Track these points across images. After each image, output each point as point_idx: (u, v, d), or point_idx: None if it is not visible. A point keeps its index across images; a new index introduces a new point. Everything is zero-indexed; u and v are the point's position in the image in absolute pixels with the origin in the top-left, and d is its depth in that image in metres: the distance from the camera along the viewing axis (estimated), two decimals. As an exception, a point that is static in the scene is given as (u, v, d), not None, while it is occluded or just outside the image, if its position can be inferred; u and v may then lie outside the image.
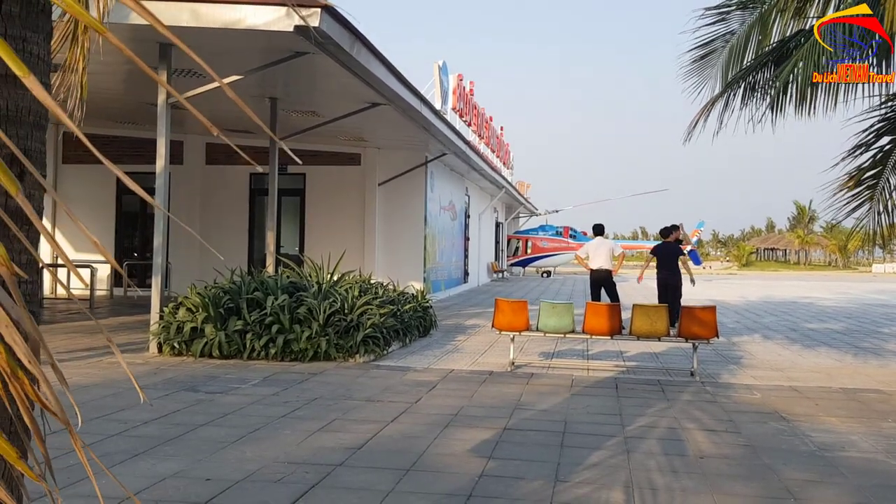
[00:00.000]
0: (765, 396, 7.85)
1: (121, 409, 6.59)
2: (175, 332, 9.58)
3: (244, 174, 19.43)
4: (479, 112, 28.10)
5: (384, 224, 19.19)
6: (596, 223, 14.59)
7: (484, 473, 4.90)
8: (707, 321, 8.97)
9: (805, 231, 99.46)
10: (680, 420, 6.65)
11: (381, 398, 7.31)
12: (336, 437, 5.76)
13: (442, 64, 22.80)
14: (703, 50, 10.23)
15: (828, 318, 17.80)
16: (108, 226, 19.89)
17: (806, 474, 5.07)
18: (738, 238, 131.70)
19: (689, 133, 9.97)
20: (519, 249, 42.92)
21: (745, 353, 11.29)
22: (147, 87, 12.37)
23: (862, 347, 12.27)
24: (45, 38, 2.25)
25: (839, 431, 6.34)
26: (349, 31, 9.25)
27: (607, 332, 9.18)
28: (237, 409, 6.70)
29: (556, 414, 6.79)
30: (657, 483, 4.79)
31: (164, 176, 9.85)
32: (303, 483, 4.62)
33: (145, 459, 5.08)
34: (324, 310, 9.70)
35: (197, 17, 8.67)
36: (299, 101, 13.83)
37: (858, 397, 7.94)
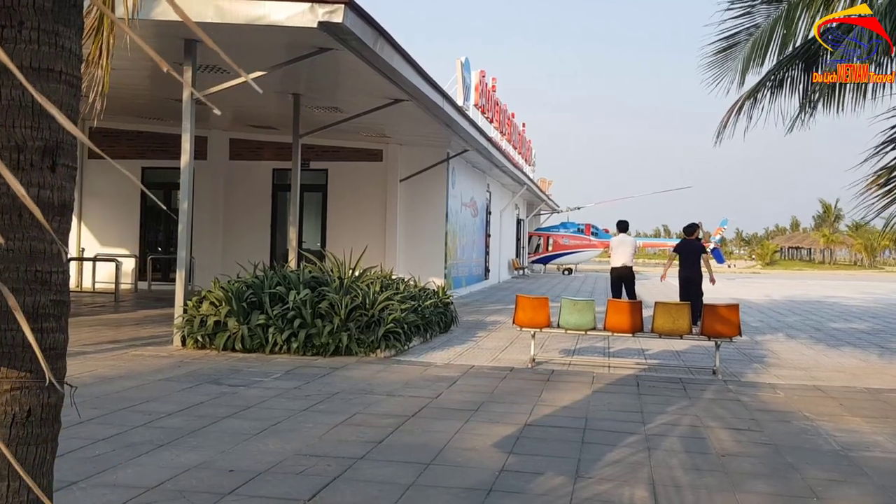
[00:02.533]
0: (788, 396, 7.79)
1: (145, 400, 6.68)
2: (199, 325, 9.67)
3: (267, 170, 19.56)
4: (502, 108, 28.04)
5: (405, 220, 19.23)
6: (620, 220, 14.60)
7: (504, 468, 4.91)
8: (730, 319, 8.90)
9: (830, 230, 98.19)
10: (702, 418, 6.61)
11: (402, 393, 7.34)
12: (357, 431, 5.79)
13: (464, 60, 22.78)
14: (726, 42, 10.21)
15: (853, 318, 17.59)
16: (133, 221, 20.12)
17: (829, 474, 5.02)
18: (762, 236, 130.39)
19: (719, 134, 9.96)
20: (540, 246, 42.78)
21: (768, 351, 11.19)
22: (172, 83, 12.49)
23: (888, 348, 12.11)
24: (76, 32, 2.28)
25: (863, 431, 6.27)
26: (372, 26, 9.27)
27: (629, 330, 9.14)
28: (260, 401, 6.76)
29: (577, 411, 6.78)
30: (680, 481, 4.77)
31: (188, 171, 9.94)
32: (324, 475, 4.65)
33: (169, 450, 5.14)
34: (345, 305, 9.75)
35: (221, 14, 8.73)
36: (322, 97, 13.89)
37: (883, 397, 7.84)
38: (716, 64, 10.33)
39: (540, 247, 42.75)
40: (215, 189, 19.38)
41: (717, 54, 10.28)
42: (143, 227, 20.31)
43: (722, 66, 10.31)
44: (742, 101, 9.43)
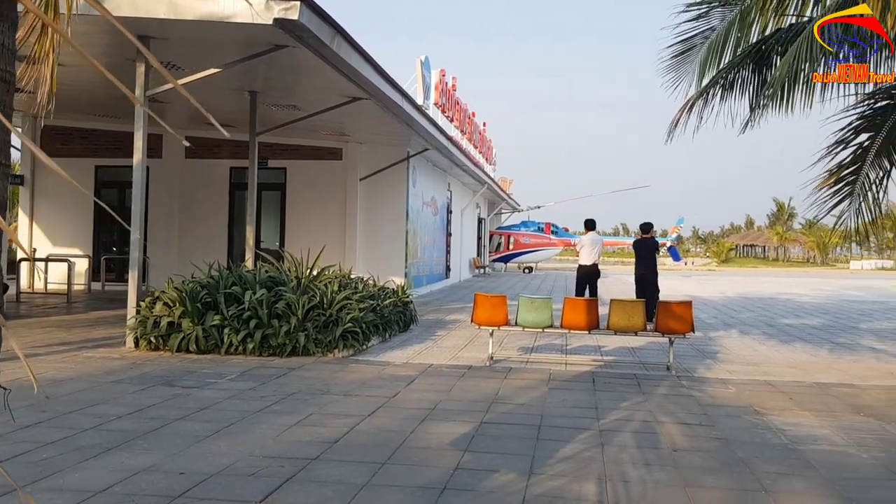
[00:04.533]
0: (739, 391, 7.93)
1: (95, 403, 6.55)
2: (152, 326, 9.52)
3: (224, 168, 19.32)
4: (462, 108, 28.10)
5: (365, 219, 19.16)
6: (588, 218, 14.71)
7: (459, 466, 4.92)
8: (683, 316, 9.04)
9: (784, 228, 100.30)
10: (655, 414, 6.70)
11: (359, 393, 7.31)
12: (312, 432, 5.75)
13: (424, 59, 22.77)
14: (682, 45, 10.32)
15: (804, 314, 17.99)
16: (87, 220, 19.72)
17: (778, 467, 5.13)
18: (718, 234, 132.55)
19: (670, 132, 10.06)
20: (501, 245, 42.99)
21: (721, 347, 11.39)
22: (125, 80, 12.25)
23: (837, 343, 12.41)
24: (10, 27, 2.23)
25: (811, 425, 6.42)
26: (329, 24, 9.22)
27: (585, 327, 9.23)
28: (213, 403, 6.67)
29: (533, 408, 6.82)
30: (630, 476, 4.83)
31: (141, 170, 9.77)
32: (277, 477, 4.61)
33: (119, 453, 5.05)
34: (302, 304, 9.68)
35: (175, 10, 8.61)
36: (280, 95, 13.77)
37: (831, 392, 8.04)
38: (674, 67, 10.43)
39: (501, 245, 42.95)
40: (171, 188, 19.11)
41: (675, 58, 10.37)
42: (96, 226, 19.92)
43: (679, 70, 10.43)
44: (693, 101, 9.58)
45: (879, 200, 9.30)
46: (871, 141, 9.12)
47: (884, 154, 9.19)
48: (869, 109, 9.25)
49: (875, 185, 9.31)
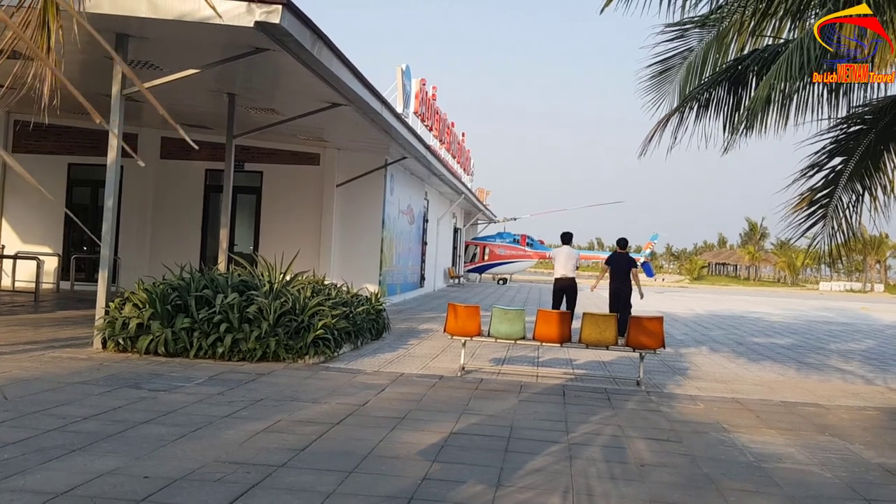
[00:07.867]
0: (708, 407, 8.00)
1: (60, 403, 6.44)
2: (120, 328, 9.39)
3: (200, 170, 19.16)
4: (441, 117, 28.18)
5: (341, 225, 19.09)
6: (564, 231, 14.68)
7: (427, 477, 4.90)
8: (654, 331, 9.11)
9: (756, 247, 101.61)
10: (624, 428, 6.73)
11: (329, 400, 7.26)
12: (280, 438, 5.70)
13: (405, 68, 22.82)
14: (662, 66, 10.40)
15: (774, 333, 18.20)
16: (58, 218, 19.41)
17: (742, 484, 5.17)
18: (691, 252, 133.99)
19: (644, 147, 10.11)
20: (476, 256, 43.08)
21: (691, 364, 11.49)
22: (101, 78, 12.12)
23: (805, 363, 12.56)
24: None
25: (777, 443, 6.48)
26: (310, 28, 9.19)
27: (557, 340, 9.26)
28: (180, 407, 6.59)
29: (503, 419, 6.82)
30: (597, 490, 4.84)
31: (115, 169, 9.66)
32: (243, 483, 4.56)
33: (82, 455, 4.97)
34: (274, 310, 9.60)
35: (155, 9, 8.54)
36: (258, 98, 13.70)
37: (798, 410, 8.13)
38: (653, 88, 10.46)
39: (476, 256, 43.05)
40: (145, 188, 18.90)
41: (654, 78, 10.42)
42: (67, 225, 19.63)
43: (660, 90, 10.47)
44: (668, 117, 9.66)
45: (852, 224, 9.44)
46: (845, 165, 9.26)
47: (857, 178, 9.33)
48: (843, 134, 9.39)
49: (848, 208, 9.46)
